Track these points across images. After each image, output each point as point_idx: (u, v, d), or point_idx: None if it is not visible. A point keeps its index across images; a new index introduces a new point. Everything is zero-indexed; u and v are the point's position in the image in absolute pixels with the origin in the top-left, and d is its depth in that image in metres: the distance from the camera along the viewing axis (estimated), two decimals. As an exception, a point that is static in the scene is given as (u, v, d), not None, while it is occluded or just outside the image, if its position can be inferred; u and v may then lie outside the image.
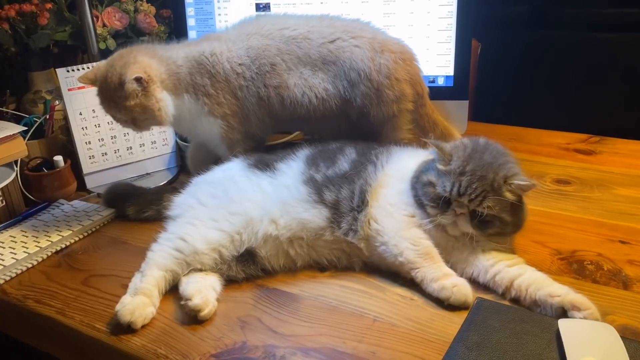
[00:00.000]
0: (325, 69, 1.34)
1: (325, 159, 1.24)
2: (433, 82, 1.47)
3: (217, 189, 1.27)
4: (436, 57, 1.44)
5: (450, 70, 1.45)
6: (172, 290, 1.13)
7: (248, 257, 1.18)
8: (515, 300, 1.04)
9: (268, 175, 1.25)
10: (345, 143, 1.30)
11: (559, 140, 1.75)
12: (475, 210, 1.05)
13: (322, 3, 1.52)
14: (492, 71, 2.21)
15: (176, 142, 1.72)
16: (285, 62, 1.36)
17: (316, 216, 1.17)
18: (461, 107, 1.45)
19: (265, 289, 1.16)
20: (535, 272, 1.07)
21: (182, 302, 1.06)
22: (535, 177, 1.52)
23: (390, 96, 1.31)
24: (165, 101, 1.34)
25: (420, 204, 1.12)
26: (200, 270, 1.16)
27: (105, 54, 1.66)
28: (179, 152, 1.73)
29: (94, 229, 1.39)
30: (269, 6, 1.56)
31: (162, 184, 1.63)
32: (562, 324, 0.93)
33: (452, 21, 1.43)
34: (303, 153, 1.28)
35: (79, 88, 1.54)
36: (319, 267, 1.20)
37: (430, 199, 1.08)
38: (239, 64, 1.37)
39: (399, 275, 1.14)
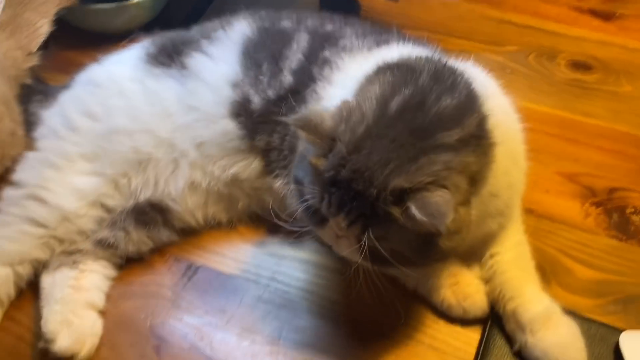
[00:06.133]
0: None
1: (270, 54, 0.75)
2: None
3: (97, 102, 0.78)
4: None
5: None
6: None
7: (154, 213, 0.77)
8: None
9: (173, 78, 0.77)
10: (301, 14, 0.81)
11: (567, -5, 1.32)
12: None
13: None
14: None
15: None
16: None
17: (247, 168, 0.76)
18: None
19: (187, 266, 0.77)
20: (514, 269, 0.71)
21: (41, 345, 0.66)
22: (545, 56, 1.13)
23: None
24: None
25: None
26: (73, 252, 0.73)
27: None
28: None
29: None
30: None
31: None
32: (625, 337, 0.69)
33: None
34: (241, 28, 0.79)
35: None
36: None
37: (304, 206, 0.61)
38: None
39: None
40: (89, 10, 1.11)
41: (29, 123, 0.88)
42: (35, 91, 0.94)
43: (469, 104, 0.60)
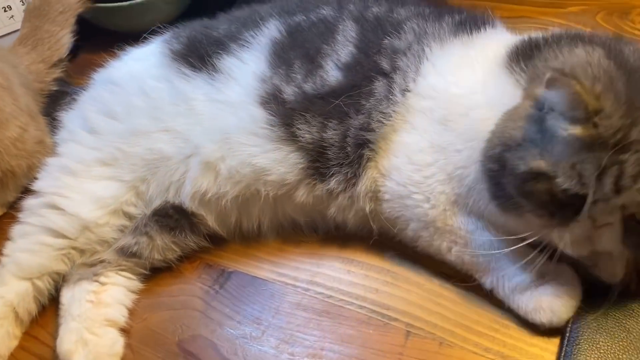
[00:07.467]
0: None
1: (304, 52, 0.67)
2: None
3: (117, 101, 0.73)
4: None
5: None
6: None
7: (179, 217, 0.70)
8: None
9: (204, 80, 0.70)
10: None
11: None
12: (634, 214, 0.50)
13: None
14: None
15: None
16: None
17: (279, 163, 0.66)
18: None
19: (219, 272, 0.70)
20: None
21: None
22: (616, 14, 0.99)
23: None
24: None
25: (507, 208, 0.55)
26: (94, 264, 0.68)
27: None
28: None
29: None
30: None
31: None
32: None
33: None
34: (269, 32, 0.70)
35: None
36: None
37: (543, 204, 0.51)
38: None
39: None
40: (114, 10, 1.07)
41: (57, 128, 0.85)
42: (61, 95, 0.91)
43: None
